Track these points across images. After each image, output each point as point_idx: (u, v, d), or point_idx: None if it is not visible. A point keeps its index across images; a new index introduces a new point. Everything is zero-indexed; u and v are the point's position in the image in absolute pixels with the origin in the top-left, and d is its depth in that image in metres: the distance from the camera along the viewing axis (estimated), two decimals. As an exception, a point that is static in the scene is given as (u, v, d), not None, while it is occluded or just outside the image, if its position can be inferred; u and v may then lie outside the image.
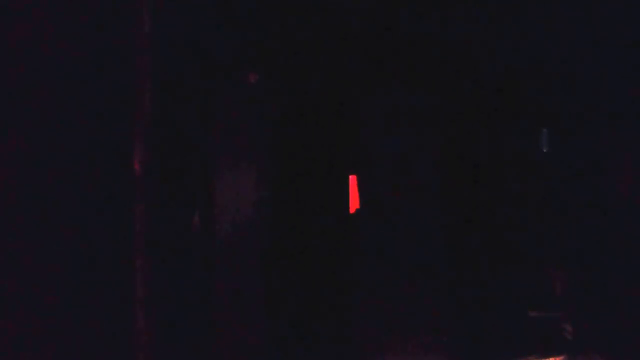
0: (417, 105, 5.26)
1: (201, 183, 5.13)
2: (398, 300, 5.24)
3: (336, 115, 5.30)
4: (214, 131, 5.12)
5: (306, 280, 5.32)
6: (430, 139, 5.28)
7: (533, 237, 5.19)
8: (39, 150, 5.04)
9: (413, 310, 5.24)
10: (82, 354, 5.00)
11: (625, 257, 4.90)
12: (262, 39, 5.10)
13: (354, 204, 5.37)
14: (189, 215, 5.20)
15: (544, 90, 5.13)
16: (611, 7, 4.92)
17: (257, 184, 5.19)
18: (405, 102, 5.26)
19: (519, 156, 5.25)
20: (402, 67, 5.20)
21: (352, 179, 5.36)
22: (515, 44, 5.16)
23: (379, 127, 5.26)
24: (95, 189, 5.05)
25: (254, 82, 5.16)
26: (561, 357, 4.94)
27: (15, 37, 4.74)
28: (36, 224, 5.06)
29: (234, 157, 5.19)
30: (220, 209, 5.17)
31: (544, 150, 5.16)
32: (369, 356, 5.23)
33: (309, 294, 5.33)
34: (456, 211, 5.25)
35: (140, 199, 4.83)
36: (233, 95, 5.16)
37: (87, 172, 5.04)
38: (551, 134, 5.14)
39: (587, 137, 5.02)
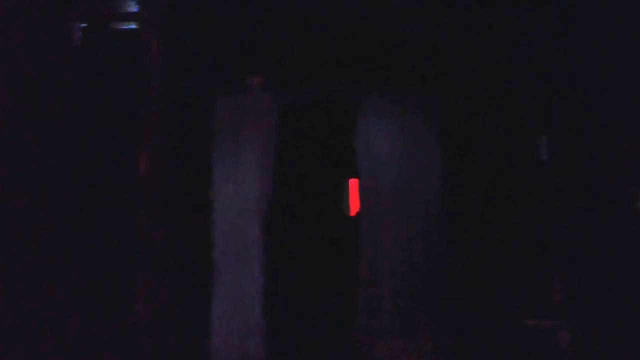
0: (418, 109, 5.30)
1: (203, 185, 5.24)
2: (396, 304, 5.24)
3: (337, 118, 5.37)
4: (217, 136, 5.24)
5: (306, 282, 5.36)
6: (431, 143, 5.30)
7: (531, 244, 5.16)
8: (55, 154, 5.21)
9: (410, 315, 5.24)
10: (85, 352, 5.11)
11: (625, 264, 4.85)
12: (264, 43, 5.21)
13: (354, 206, 5.40)
14: (191, 216, 5.30)
15: (545, 97, 5.14)
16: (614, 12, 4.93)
17: (259, 186, 5.27)
18: (406, 105, 5.30)
19: (519, 162, 5.24)
20: (403, 71, 5.25)
21: (353, 182, 5.39)
22: (518, 49, 5.18)
23: (380, 130, 5.30)
24: (103, 188, 5.20)
25: (257, 85, 5.26)
26: (557, 365, 4.90)
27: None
28: (52, 219, 5.22)
29: (237, 161, 5.29)
30: (223, 211, 5.27)
31: (544, 157, 5.15)
32: (368, 357, 5.22)
33: (308, 295, 5.36)
34: (455, 217, 5.25)
35: (145, 198, 4.95)
36: (236, 98, 5.28)
37: (97, 173, 5.19)
38: (551, 140, 5.13)
39: (588, 143, 5.00)
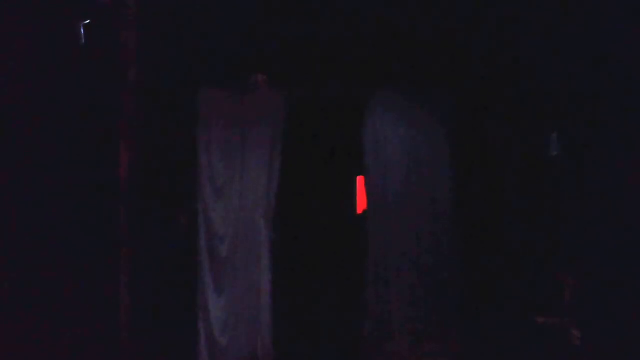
0: (427, 106, 5.27)
1: (188, 186, 5.17)
2: (404, 302, 5.19)
3: (345, 116, 5.34)
4: (205, 133, 5.17)
5: (314, 280, 5.32)
6: (440, 140, 5.27)
7: (542, 242, 5.11)
8: (36, 156, 5.16)
9: (419, 314, 5.18)
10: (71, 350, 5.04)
11: (636, 262, 4.79)
12: (270, 40, 5.18)
13: (361, 204, 5.37)
14: (176, 217, 5.24)
15: (554, 93, 5.10)
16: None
17: (266, 184, 5.23)
18: (415, 103, 5.27)
19: (528, 159, 5.20)
20: (411, 69, 5.23)
21: (360, 180, 5.36)
22: (529, 49, 5.16)
23: (388, 128, 5.27)
24: (83, 191, 5.11)
25: (264, 83, 5.23)
26: (567, 363, 4.83)
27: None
28: (34, 222, 5.14)
29: (244, 159, 5.25)
30: (231, 210, 5.22)
31: (554, 154, 5.10)
32: (375, 357, 5.17)
33: (316, 293, 5.33)
34: (464, 214, 5.21)
35: (124, 200, 4.88)
36: (242, 96, 5.24)
37: (76, 175, 5.10)
38: (561, 137, 5.08)
39: (598, 141, 4.94)
